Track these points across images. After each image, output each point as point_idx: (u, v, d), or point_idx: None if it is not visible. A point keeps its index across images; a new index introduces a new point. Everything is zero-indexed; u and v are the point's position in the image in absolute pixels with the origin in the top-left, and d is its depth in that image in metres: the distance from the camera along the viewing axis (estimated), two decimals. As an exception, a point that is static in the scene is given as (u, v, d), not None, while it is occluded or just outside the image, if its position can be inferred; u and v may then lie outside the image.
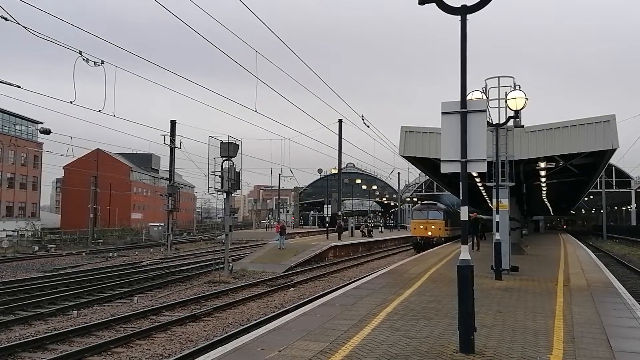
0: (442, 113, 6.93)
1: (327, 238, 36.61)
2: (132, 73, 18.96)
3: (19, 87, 13.08)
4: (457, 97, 6.80)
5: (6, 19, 9.68)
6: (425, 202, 43.01)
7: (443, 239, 34.09)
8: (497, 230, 14.91)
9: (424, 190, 74.14)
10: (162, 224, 51.23)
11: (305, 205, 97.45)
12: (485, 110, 7.18)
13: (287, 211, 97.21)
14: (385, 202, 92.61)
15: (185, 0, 11.76)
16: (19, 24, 9.82)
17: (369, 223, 51.86)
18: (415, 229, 35.38)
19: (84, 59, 11.53)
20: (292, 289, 18.47)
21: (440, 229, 34.17)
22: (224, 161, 21.27)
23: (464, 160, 6.64)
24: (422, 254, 25.08)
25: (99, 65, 12.10)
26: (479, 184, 25.23)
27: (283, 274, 22.48)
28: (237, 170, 21.66)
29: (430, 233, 34.07)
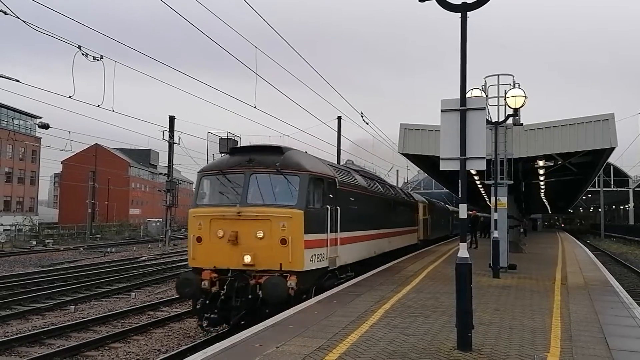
0: (442, 111, 6.91)
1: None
2: (131, 68, 18.94)
3: (17, 81, 13.05)
4: (457, 95, 6.79)
5: (5, 13, 9.65)
6: (246, 145, 13.20)
7: (299, 279, 9.58)
8: (496, 228, 14.93)
9: (422, 188, 74.18)
10: (161, 219, 51.20)
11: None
12: (484, 108, 7.17)
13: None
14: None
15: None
16: (18, 17, 9.79)
17: None
18: (199, 242, 10.14)
19: (83, 54, 11.51)
20: (290, 285, 18.43)
21: (293, 237, 9.64)
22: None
23: (463, 157, 6.63)
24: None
25: (98, 60, 12.07)
26: (478, 182, 25.24)
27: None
28: (235, 166, 21.51)
29: (248, 259, 9.62)
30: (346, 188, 12.65)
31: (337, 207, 11.53)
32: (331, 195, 11.35)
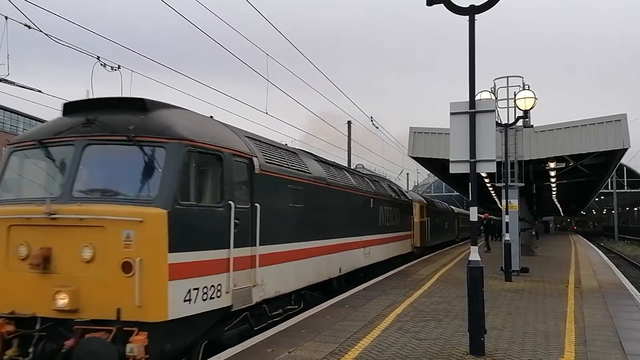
0: (451, 113, 6.91)
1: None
2: (146, 77, 19.14)
3: (40, 91, 13.20)
4: (466, 97, 6.78)
5: (29, 27, 9.84)
6: (86, 99, 6.87)
7: (156, 336, 5.36)
8: (507, 231, 14.83)
9: (432, 191, 73.90)
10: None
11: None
12: (494, 111, 7.15)
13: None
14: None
15: (199, 7, 11.89)
16: (41, 31, 9.97)
17: None
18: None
19: (101, 64, 11.62)
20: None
21: (145, 259, 5.49)
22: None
23: (472, 160, 6.61)
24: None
25: (115, 69, 12.18)
26: (488, 185, 25.11)
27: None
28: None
29: (64, 301, 5.44)
30: (278, 174, 8.31)
31: (256, 204, 7.37)
32: (243, 185, 7.21)
